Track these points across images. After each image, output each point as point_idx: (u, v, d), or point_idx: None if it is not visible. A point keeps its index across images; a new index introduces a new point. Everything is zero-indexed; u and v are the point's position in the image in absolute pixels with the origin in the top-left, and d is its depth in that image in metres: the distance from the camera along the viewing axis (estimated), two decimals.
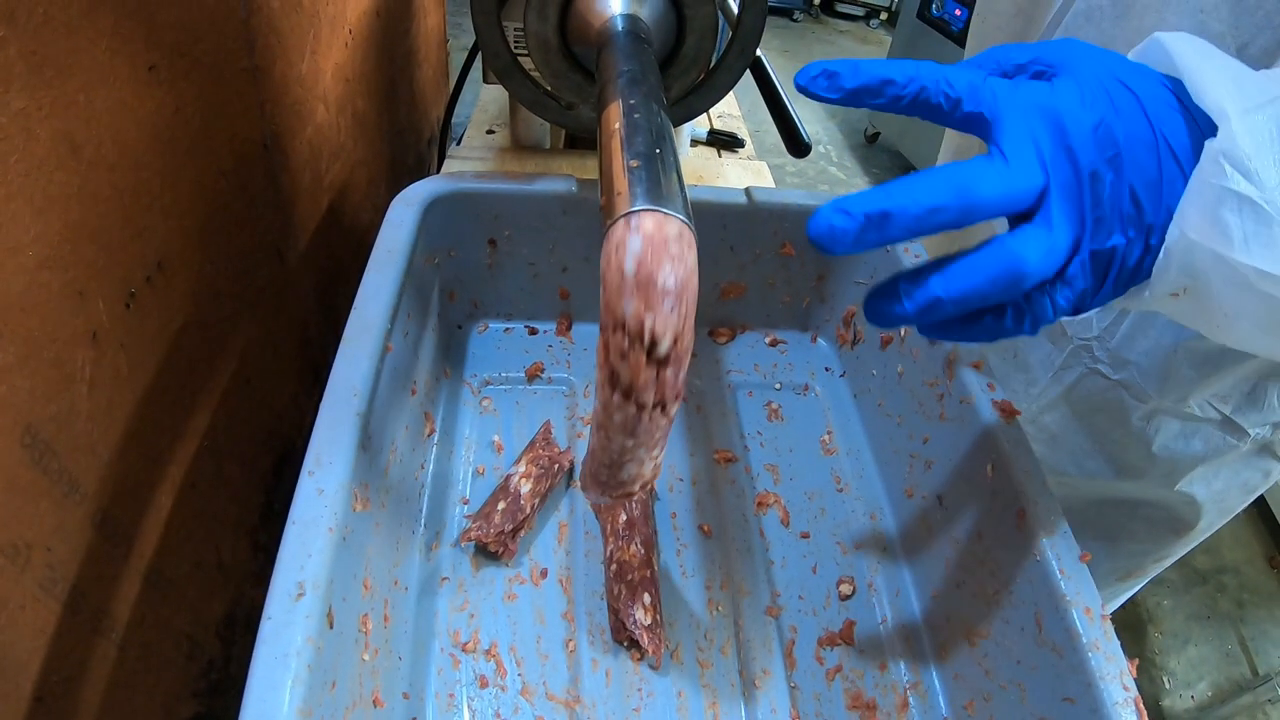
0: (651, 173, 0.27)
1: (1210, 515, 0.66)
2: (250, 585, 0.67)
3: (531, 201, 0.56)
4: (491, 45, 0.49)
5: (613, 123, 0.32)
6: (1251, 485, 0.64)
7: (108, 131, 0.41)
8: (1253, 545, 1.52)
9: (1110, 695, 0.34)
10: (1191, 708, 1.24)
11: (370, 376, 0.39)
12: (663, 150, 0.29)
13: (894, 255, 0.56)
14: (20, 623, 0.39)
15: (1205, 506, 0.65)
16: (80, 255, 0.40)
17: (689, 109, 0.53)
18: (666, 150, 0.29)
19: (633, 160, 0.28)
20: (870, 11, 3.86)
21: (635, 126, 0.31)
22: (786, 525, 0.53)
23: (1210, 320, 0.29)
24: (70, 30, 0.37)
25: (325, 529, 0.31)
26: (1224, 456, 0.61)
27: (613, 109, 0.33)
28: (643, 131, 0.30)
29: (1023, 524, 0.40)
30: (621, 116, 0.32)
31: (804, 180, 2.49)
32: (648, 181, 0.27)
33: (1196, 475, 0.62)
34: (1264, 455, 0.62)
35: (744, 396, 0.62)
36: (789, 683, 0.45)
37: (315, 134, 0.72)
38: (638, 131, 0.30)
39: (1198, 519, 0.66)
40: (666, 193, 0.26)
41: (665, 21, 0.46)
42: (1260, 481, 0.64)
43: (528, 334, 0.63)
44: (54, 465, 0.40)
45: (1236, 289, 0.26)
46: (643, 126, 0.31)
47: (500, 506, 0.47)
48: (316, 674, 0.28)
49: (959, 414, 0.47)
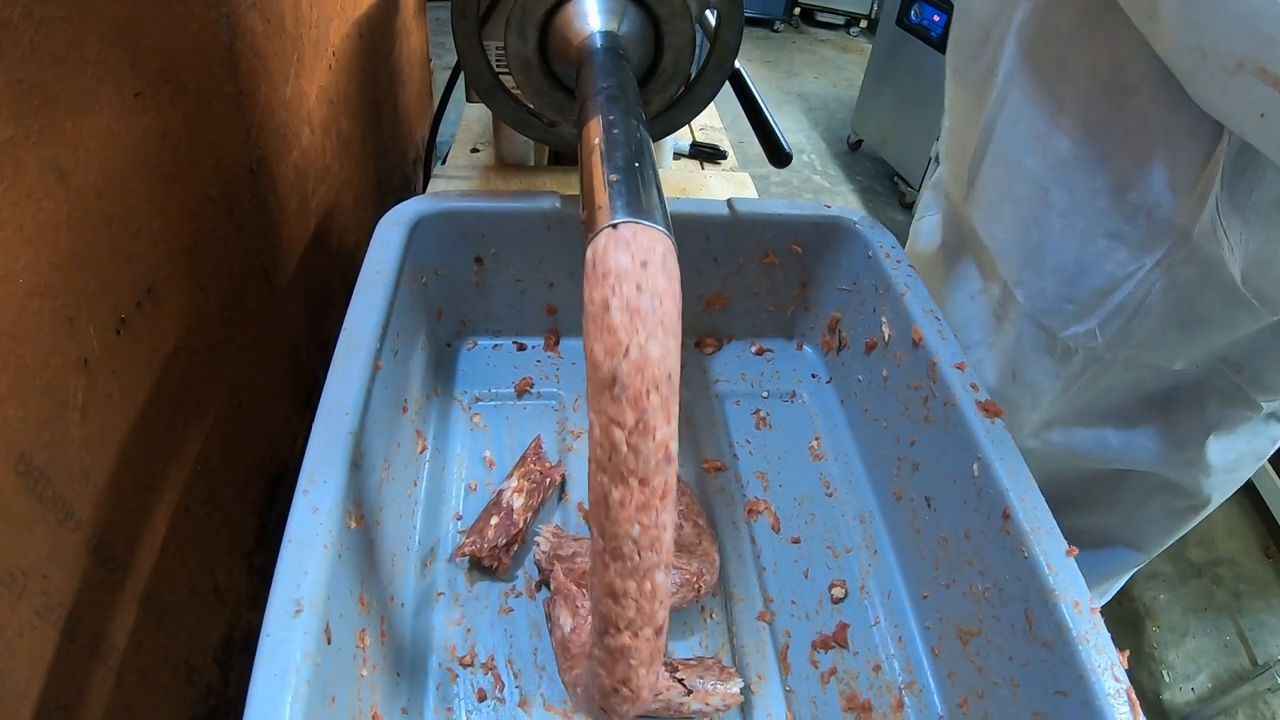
0: (631, 186, 0.28)
1: (1224, 486, 0.68)
2: (246, 609, 0.67)
3: (516, 219, 0.57)
4: (474, 65, 0.50)
5: (593, 139, 0.32)
6: (1261, 452, 0.66)
7: (96, 158, 0.41)
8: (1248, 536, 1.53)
9: (1102, 687, 0.35)
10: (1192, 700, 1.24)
11: (361, 395, 0.39)
12: (642, 164, 0.30)
13: (876, 262, 0.57)
14: (18, 650, 0.39)
15: (1217, 476, 0.66)
16: (70, 282, 0.40)
17: (669, 123, 0.54)
18: (645, 164, 0.30)
19: (613, 175, 0.29)
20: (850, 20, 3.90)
21: (614, 142, 0.31)
22: (777, 531, 0.54)
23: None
24: (57, 58, 0.37)
25: (321, 547, 0.31)
26: (1236, 427, 0.62)
27: (593, 125, 0.33)
28: (622, 147, 0.31)
29: (1009, 522, 0.41)
30: (601, 132, 0.32)
31: (788, 190, 2.51)
32: (627, 195, 0.27)
33: (1209, 445, 0.64)
34: (1271, 422, 0.63)
35: (732, 406, 0.62)
36: (784, 687, 0.45)
37: (301, 157, 0.73)
38: (617, 147, 0.31)
39: (1210, 490, 0.68)
40: (646, 205, 0.27)
41: (643, 38, 0.47)
42: (1268, 448, 0.66)
43: (516, 350, 0.64)
44: (48, 492, 0.40)
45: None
46: (622, 142, 0.31)
47: (493, 521, 0.48)
48: (316, 690, 0.28)
49: (944, 416, 0.48)
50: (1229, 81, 0.41)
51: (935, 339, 0.50)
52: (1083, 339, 0.60)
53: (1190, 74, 0.45)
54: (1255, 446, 0.65)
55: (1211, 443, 0.64)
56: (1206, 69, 0.43)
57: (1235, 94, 0.42)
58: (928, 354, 0.50)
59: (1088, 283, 0.58)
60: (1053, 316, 0.61)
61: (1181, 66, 0.45)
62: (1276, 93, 0.38)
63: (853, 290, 0.60)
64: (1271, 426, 0.64)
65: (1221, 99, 0.44)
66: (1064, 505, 0.59)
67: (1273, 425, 0.64)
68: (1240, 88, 0.40)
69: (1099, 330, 0.58)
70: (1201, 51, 0.42)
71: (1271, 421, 0.64)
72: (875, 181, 2.60)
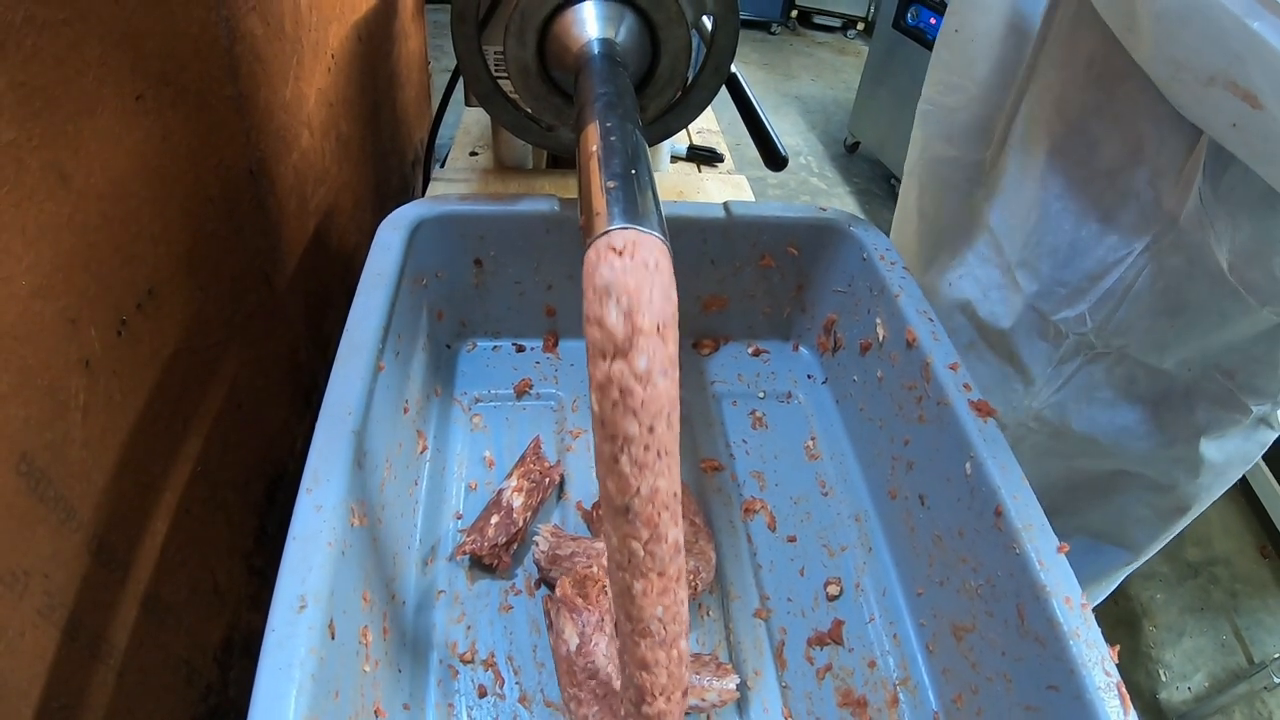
0: (628, 192, 0.29)
1: (1213, 487, 0.68)
2: (246, 609, 0.67)
3: (515, 222, 0.57)
4: (473, 70, 0.50)
5: (590, 145, 0.33)
6: (1249, 455, 0.66)
7: (97, 161, 0.41)
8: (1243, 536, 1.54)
9: (1093, 681, 0.35)
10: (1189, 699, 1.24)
11: (364, 395, 0.40)
12: (638, 170, 0.30)
13: (871, 264, 0.58)
14: (20, 650, 0.39)
15: (1207, 479, 0.67)
16: (72, 284, 0.41)
17: (666, 127, 0.55)
18: (642, 170, 0.31)
19: (610, 181, 0.29)
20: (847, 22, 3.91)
21: (612, 149, 0.32)
22: (773, 530, 0.54)
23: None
24: (59, 61, 0.37)
25: (325, 543, 0.32)
26: (1226, 430, 0.63)
27: (590, 131, 0.34)
28: (619, 153, 0.31)
29: (1001, 519, 0.42)
30: (599, 139, 0.33)
31: (785, 192, 2.52)
32: (624, 201, 0.28)
33: (1200, 447, 0.65)
34: (1261, 427, 0.64)
35: (728, 406, 0.63)
36: (780, 683, 0.46)
37: (300, 159, 0.73)
38: (614, 153, 0.31)
39: (1199, 492, 0.68)
40: (642, 211, 0.28)
41: (640, 44, 0.48)
42: (1256, 451, 0.67)
43: (515, 351, 0.64)
44: (50, 493, 0.41)
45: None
46: (619, 148, 0.32)
47: (494, 520, 0.48)
48: (320, 684, 0.28)
49: (937, 415, 0.49)
50: (1203, 93, 0.42)
51: (929, 340, 0.51)
52: (1073, 324, 0.61)
53: (1167, 83, 0.46)
54: (1244, 450, 0.66)
55: (1201, 444, 0.64)
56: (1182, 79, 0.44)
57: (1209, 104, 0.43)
58: (921, 354, 0.51)
59: (1080, 266, 0.59)
60: (1046, 299, 0.63)
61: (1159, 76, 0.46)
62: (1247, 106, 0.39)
63: (848, 292, 0.61)
64: (1261, 431, 0.65)
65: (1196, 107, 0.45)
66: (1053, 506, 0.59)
67: (1262, 430, 0.65)
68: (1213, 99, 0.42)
69: (1089, 315, 0.60)
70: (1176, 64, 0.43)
71: (1261, 426, 0.64)
72: (872, 184, 2.61)
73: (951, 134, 0.73)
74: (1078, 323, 0.61)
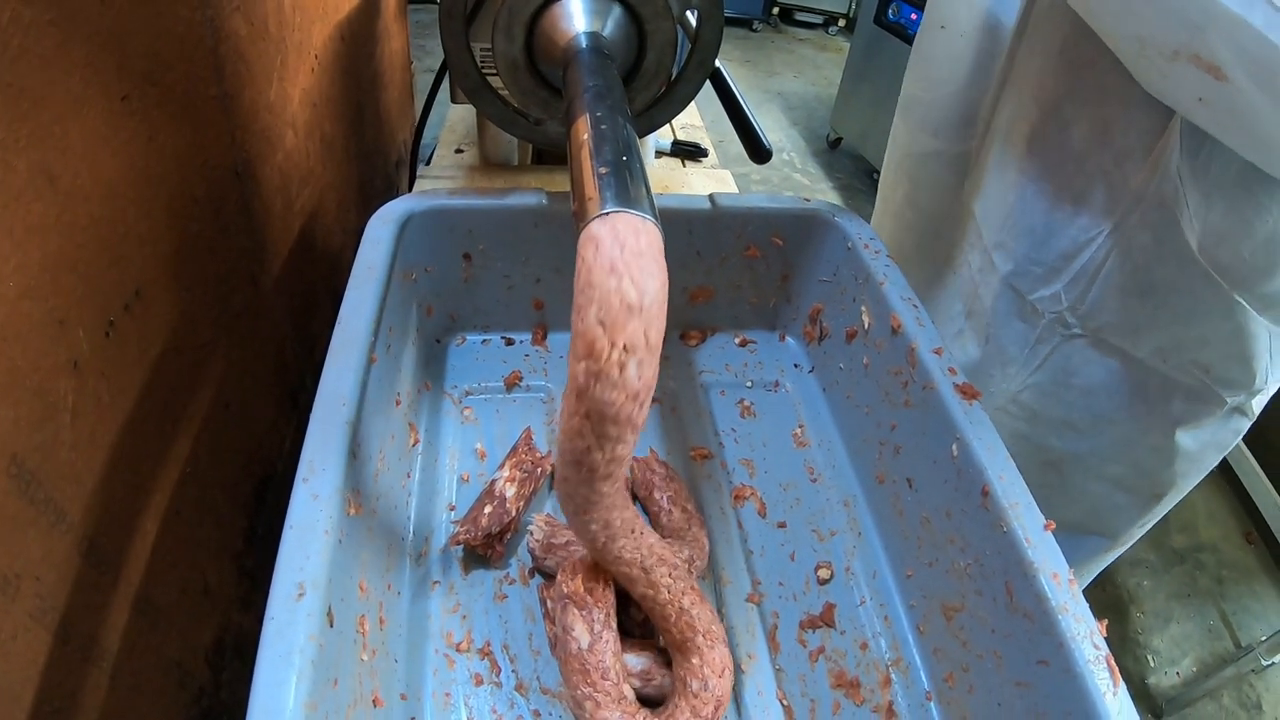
0: (620, 179, 0.29)
1: (1189, 475, 0.69)
2: (237, 610, 0.67)
3: (504, 216, 0.58)
4: (461, 66, 0.51)
5: (581, 135, 0.33)
6: (1224, 443, 0.68)
7: (84, 162, 0.41)
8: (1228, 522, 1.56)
9: (1082, 654, 0.36)
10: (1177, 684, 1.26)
11: (357, 387, 0.40)
12: (629, 158, 0.31)
13: (855, 253, 0.59)
14: (12, 653, 0.39)
15: (1183, 467, 0.68)
16: (60, 285, 0.41)
17: (651, 121, 0.55)
18: (633, 158, 0.31)
19: (602, 168, 0.30)
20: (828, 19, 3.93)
21: (603, 137, 0.32)
22: (763, 516, 0.55)
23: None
24: (45, 62, 0.37)
25: (322, 532, 0.32)
26: (1201, 420, 0.64)
27: (581, 122, 0.34)
28: (610, 142, 0.32)
29: (988, 499, 0.42)
30: (590, 129, 0.33)
31: (769, 187, 2.53)
32: (616, 186, 0.28)
33: (1175, 436, 0.66)
34: (1235, 416, 0.66)
35: (717, 396, 0.63)
36: (774, 666, 0.46)
37: (285, 159, 0.73)
38: (605, 142, 0.32)
39: (1175, 479, 0.70)
40: (634, 196, 0.28)
41: (627, 38, 0.48)
42: (1231, 440, 0.68)
43: (504, 344, 0.64)
44: (40, 495, 0.41)
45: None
46: (610, 137, 0.32)
47: (486, 510, 0.49)
48: (320, 670, 0.29)
49: (923, 399, 0.50)
50: (1167, 67, 0.43)
51: (913, 325, 0.52)
52: (1049, 302, 0.62)
53: (1132, 60, 0.47)
54: (1219, 438, 0.67)
55: (1177, 433, 0.65)
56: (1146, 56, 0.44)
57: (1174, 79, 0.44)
58: (906, 340, 0.52)
59: (1054, 245, 0.61)
60: (1023, 278, 0.64)
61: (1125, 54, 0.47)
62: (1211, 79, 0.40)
63: (833, 281, 0.62)
64: (1235, 419, 0.66)
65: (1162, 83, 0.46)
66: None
67: (1236, 418, 0.66)
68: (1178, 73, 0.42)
69: (1064, 293, 0.61)
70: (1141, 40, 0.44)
71: (1235, 415, 0.65)
72: (855, 179, 2.63)
73: (936, 127, 0.74)
74: (1053, 301, 0.62)
